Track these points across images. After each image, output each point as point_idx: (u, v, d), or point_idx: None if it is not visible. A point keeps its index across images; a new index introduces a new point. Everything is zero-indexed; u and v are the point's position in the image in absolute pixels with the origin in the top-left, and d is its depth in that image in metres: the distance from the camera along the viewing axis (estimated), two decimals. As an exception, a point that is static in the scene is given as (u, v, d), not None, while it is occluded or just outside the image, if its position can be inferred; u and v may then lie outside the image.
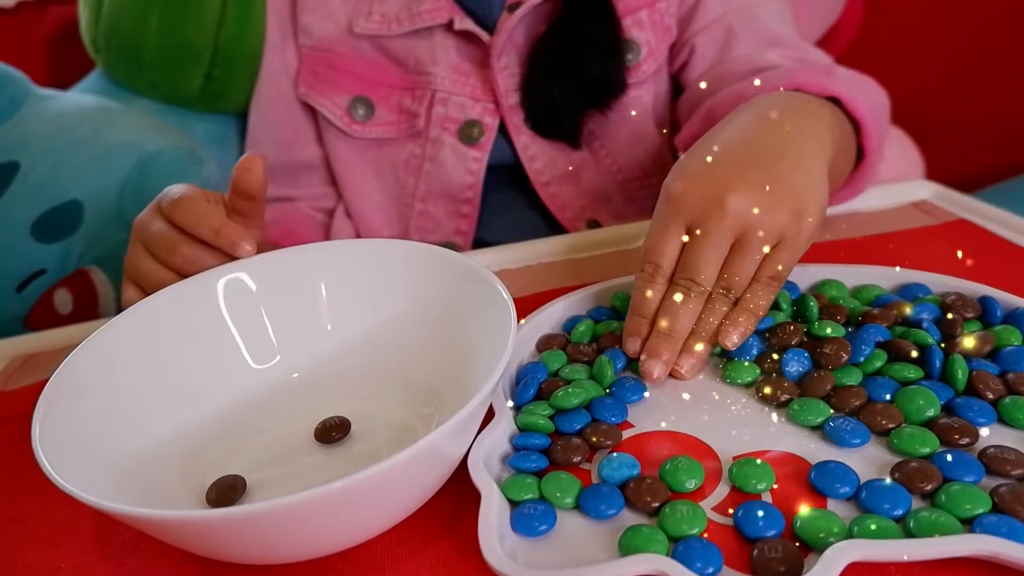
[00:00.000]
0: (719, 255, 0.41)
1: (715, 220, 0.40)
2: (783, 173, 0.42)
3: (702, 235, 0.41)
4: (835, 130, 0.49)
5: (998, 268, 0.50)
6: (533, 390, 0.40)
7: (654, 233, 0.42)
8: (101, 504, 0.29)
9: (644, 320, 0.42)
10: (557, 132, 0.69)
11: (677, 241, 0.42)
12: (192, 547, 0.32)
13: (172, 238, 0.45)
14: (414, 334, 0.43)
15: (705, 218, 0.41)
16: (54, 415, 0.34)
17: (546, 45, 0.65)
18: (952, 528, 0.30)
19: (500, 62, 0.67)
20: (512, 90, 0.68)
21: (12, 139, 0.73)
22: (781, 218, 0.40)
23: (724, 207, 0.40)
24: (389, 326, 0.44)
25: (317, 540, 0.31)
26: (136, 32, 0.74)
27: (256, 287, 0.45)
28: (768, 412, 0.38)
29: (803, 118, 0.46)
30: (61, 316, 0.73)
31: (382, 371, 0.44)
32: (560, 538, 0.32)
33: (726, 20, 0.66)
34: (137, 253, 0.47)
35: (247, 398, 0.43)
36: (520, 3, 0.65)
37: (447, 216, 0.72)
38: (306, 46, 0.72)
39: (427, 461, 0.31)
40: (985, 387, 0.37)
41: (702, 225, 0.41)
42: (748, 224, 0.40)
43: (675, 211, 0.42)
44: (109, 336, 0.40)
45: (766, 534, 0.31)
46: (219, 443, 0.40)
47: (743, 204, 0.40)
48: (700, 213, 0.41)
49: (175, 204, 0.45)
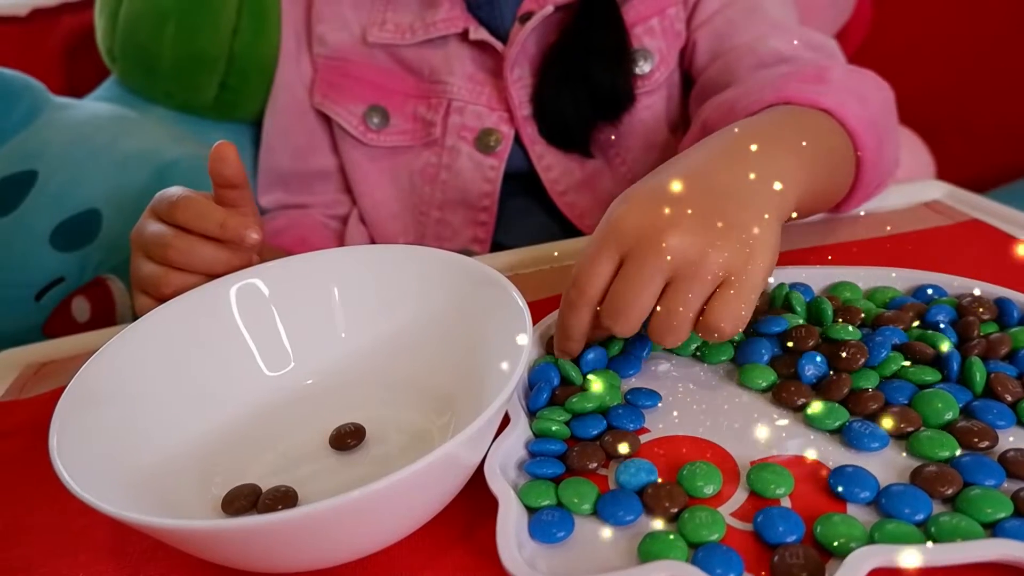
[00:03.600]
0: (649, 294, 0.37)
1: (650, 253, 0.37)
2: (729, 211, 0.38)
3: (634, 268, 0.37)
4: (822, 141, 0.47)
5: (1013, 269, 0.50)
6: (547, 395, 0.40)
7: (586, 257, 0.39)
8: (119, 514, 0.29)
9: (572, 342, 0.41)
10: (569, 143, 0.69)
11: (608, 268, 0.39)
12: (209, 556, 0.32)
13: (165, 235, 0.45)
14: (428, 340, 0.43)
15: (640, 250, 0.37)
16: (71, 426, 0.34)
17: (556, 56, 0.66)
18: (974, 533, 0.29)
19: (513, 73, 0.67)
20: (525, 101, 0.68)
21: (31, 148, 0.74)
22: (726, 256, 0.36)
23: (661, 239, 0.36)
24: (403, 332, 0.44)
25: (334, 548, 0.31)
26: (152, 42, 0.75)
27: (269, 293, 0.45)
28: (785, 416, 0.38)
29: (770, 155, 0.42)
30: (79, 324, 0.73)
31: (396, 378, 0.44)
32: (578, 545, 0.32)
33: (726, 12, 0.66)
34: (137, 260, 0.47)
35: (261, 405, 0.43)
36: (532, 14, 0.65)
37: (464, 224, 0.72)
38: (321, 55, 0.72)
39: (446, 468, 0.31)
40: (1004, 389, 0.37)
41: (636, 257, 0.37)
42: (687, 260, 0.36)
43: (610, 237, 0.38)
44: (123, 345, 0.40)
45: (786, 540, 0.31)
46: (234, 451, 0.40)
47: (682, 238, 0.36)
48: (635, 244, 0.37)
49: (174, 205, 0.45)
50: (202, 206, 0.45)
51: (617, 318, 0.38)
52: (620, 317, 0.38)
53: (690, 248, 0.36)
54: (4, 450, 0.45)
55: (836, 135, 0.50)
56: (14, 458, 0.44)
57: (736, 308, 0.36)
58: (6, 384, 0.54)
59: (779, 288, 0.46)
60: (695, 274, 0.36)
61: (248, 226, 0.44)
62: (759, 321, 0.43)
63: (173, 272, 0.45)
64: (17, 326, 0.72)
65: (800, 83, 0.51)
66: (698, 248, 0.36)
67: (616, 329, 0.38)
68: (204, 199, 0.46)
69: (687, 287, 0.36)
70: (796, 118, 0.48)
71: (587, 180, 0.71)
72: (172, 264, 0.45)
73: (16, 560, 0.37)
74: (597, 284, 0.39)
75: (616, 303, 0.38)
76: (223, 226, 0.44)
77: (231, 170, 0.46)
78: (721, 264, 0.36)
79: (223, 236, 0.44)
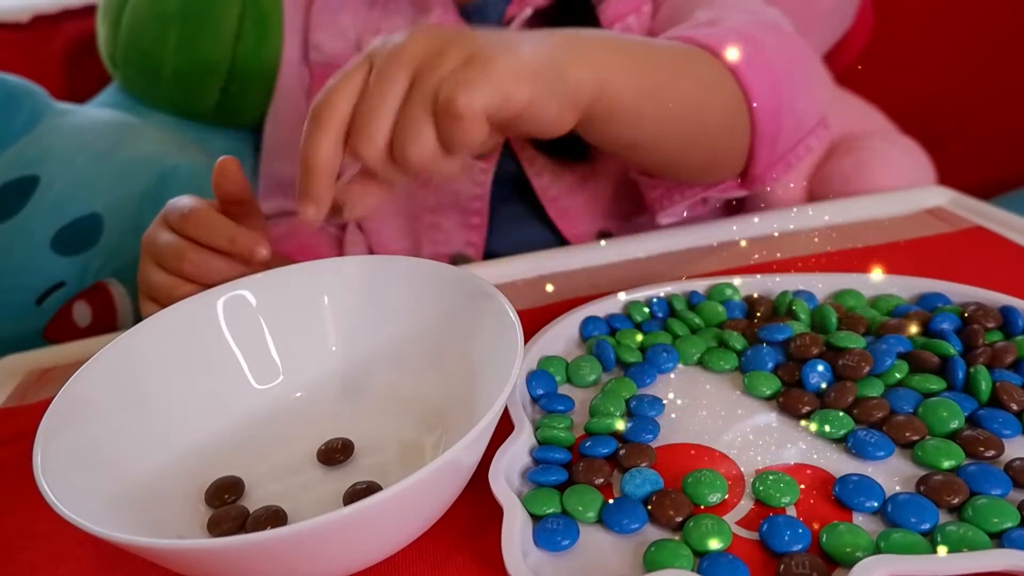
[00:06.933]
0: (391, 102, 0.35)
1: (390, 58, 0.35)
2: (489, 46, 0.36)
3: (374, 76, 0.35)
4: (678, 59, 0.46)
5: (1018, 276, 0.50)
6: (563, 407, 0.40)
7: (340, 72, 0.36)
8: (106, 534, 0.28)
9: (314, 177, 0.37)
10: (555, 149, 0.68)
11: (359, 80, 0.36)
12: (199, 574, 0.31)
13: (180, 247, 0.46)
14: (419, 353, 0.43)
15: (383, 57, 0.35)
16: (55, 441, 0.34)
17: None
18: (981, 543, 0.29)
19: None
20: None
21: (32, 153, 0.74)
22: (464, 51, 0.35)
23: (403, 45, 0.35)
24: (394, 345, 0.44)
25: (331, 565, 0.31)
26: (154, 48, 0.75)
27: (258, 305, 0.44)
28: (789, 424, 0.38)
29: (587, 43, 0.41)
30: (80, 328, 0.73)
31: (386, 390, 0.43)
32: (584, 553, 0.32)
33: None
34: (148, 268, 0.48)
35: (250, 419, 0.42)
36: (513, 19, 0.65)
37: (457, 228, 0.72)
38: (318, 63, 0.72)
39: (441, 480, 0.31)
40: (1009, 398, 0.37)
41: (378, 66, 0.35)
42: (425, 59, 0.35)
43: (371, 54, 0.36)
44: (109, 360, 0.39)
45: (792, 549, 0.30)
46: (222, 465, 0.40)
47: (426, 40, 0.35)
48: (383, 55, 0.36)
49: (186, 218, 0.46)
50: (214, 220, 0.45)
51: (360, 134, 0.35)
52: (363, 132, 0.35)
53: (431, 44, 0.35)
54: (5, 457, 0.45)
55: (711, 69, 0.48)
56: (16, 465, 0.44)
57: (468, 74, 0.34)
58: (8, 390, 0.54)
59: (783, 296, 0.46)
60: (431, 64, 0.34)
61: (257, 242, 0.44)
62: (763, 328, 0.43)
63: (185, 284, 0.46)
64: (18, 330, 0.72)
65: (691, 28, 0.51)
66: (436, 46, 0.35)
67: (361, 150, 0.35)
68: (215, 212, 0.46)
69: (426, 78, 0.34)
70: (659, 44, 0.47)
71: (578, 184, 0.71)
72: (185, 276, 0.46)
73: (19, 566, 0.37)
74: (346, 95, 0.36)
75: (358, 120, 0.35)
76: (233, 241, 0.45)
77: (234, 185, 0.46)
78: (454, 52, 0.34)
79: (232, 251, 0.45)
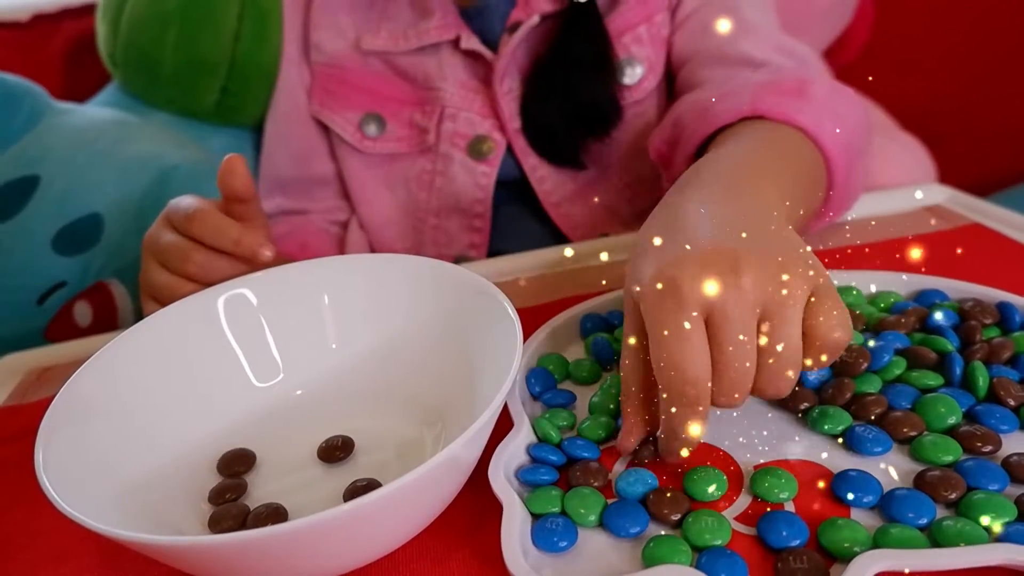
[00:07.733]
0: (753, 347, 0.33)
1: (737, 304, 0.32)
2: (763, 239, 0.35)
3: (728, 328, 0.32)
4: (799, 166, 0.46)
5: (1015, 273, 0.50)
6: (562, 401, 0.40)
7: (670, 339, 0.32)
8: (108, 531, 0.28)
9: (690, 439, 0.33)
10: (558, 157, 0.69)
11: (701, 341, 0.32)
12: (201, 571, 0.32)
13: (184, 247, 0.46)
14: (418, 350, 0.43)
15: (722, 306, 0.32)
16: (57, 439, 0.34)
17: (541, 69, 0.65)
18: (978, 537, 0.29)
19: (503, 85, 0.67)
20: (515, 114, 0.68)
21: (32, 153, 0.74)
22: (799, 274, 0.33)
23: (740, 282, 0.32)
24: (393, 342, 0.44)
25: (331, 562, 0.31)
26: (154, 47, 0.75)
27: (258, 303, 0.44)
28: (788, 420, 0.38)
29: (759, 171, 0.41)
30: (81, 328, 0.74)
31: (386, 388, 0.43)
32: (583, 550, 0.32)
33: (700, 13, 0.66)
34: (151, 267, 0.48)
35: (250, 416, 0.42)
36: (520, 24, 0.65)
37: (460, 230, 0.72)
38: (318, 63, 0.72)
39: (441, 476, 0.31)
40: (1006, 393, 0.37)
41: (723, 316, 0.32)
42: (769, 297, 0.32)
43: (681, 304, 0.32)
44: (110, 358, 0.39)
45: (790, 544, 0.31)
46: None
47: (755, 276, 0.32)
48: (716, 304, 0.32)
49: (190, 218, 0.46)
50: (218, 220, 0.46)
51: (734, 390, 0.33)
52: (740, 388, 0.33)
53: (768, 282, 0.32)
54: (7, 455, 0.45)
55: (809, 155, 0.48)
56: (17, 463, 0.44)
57: (834, 310, 0.33)
58: (8, 389, 0.54)
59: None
60: (783, 301, 0.32)
61: (261, 243, 0.45)
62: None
63: (188, 284, 0.46)
64: (19, 330, 0.73)
65: (778, 96, 0.50)
66: (774, 280, 0.32)
67: (735, 403, 0.33)
68: (219, 213, 0.46)
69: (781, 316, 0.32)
70: (773, 143, 0.47)
71: (581, 191, 0.71)
72: (189, 277, 0.46)
73: (20, 564, 0.37)
74: (703, 362, 0.32)
75: (730, 375, 0.32)
76: (238, 243, 0.45)
77: (241, 184, 0.46)
78: (799, 284, 0.33)
79: (237, 252, 0.45)
